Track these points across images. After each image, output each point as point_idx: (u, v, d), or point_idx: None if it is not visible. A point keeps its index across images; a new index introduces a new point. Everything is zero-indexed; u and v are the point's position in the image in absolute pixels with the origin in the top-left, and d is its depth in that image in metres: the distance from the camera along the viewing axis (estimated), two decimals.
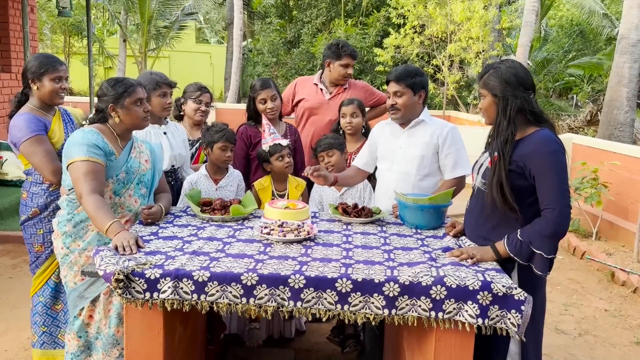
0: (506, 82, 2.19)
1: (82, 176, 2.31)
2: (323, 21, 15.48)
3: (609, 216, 6.18)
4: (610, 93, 9.88)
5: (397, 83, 2.88)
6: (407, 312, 1.94)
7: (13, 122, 2.76)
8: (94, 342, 2.49)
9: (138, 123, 2.55)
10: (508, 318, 1.92)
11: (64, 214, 2.48)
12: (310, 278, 1.94)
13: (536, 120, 2.21)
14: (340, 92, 3.99)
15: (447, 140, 2.89)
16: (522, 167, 2.15)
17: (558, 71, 16.67)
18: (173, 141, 3.20)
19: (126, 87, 2.50)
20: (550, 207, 2.09)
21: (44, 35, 19.98)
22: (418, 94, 2.90)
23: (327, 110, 3.94)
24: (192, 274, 1.94)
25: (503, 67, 2.22)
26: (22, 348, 3.35)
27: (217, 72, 24.18)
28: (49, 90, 2.79)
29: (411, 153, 2.95)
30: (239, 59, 15.36)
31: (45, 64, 2.78)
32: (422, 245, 2.37)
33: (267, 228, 2.41)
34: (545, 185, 2.11)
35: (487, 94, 2.25)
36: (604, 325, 4.08)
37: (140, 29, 16.53)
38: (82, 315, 2.47)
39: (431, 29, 11.30)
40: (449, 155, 2.90)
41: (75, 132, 2.47)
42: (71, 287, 2.48)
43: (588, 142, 7.17)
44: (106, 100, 2.48)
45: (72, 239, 2.46)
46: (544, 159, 2.11)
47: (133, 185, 2.56)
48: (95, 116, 2.53)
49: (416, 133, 2.96)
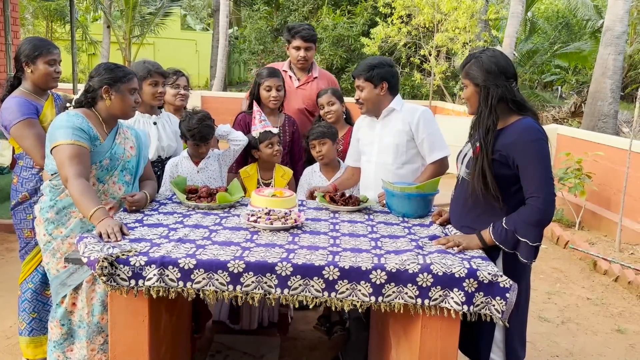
0: (487, 71, 2.19)
1: (67, 160, 2.26)
2: (310, 9, 15.38)
3: (592, 206, 6.26)
4: (595, 85, 9.97)
5: (357, 78, 2.94)
6: (393, 300, 1.94)
7: (4, 105, 2.72)
8: (77, 330, 2.47)
9: (127, 111, 2.50)
10: (492, 304, 1.93)
11: (47, 200, 2.44)
12: (298, 266, 1.93)
13: (518, 109, 2.22)
14: (309, 80, 3.90)
15: (420, 125, 2.89)
16: (506, 156, 2.16)
17: (544, 62, 16.77)
18: (162, 132, 3.16)
19: (125, 73, 2.46)
20: (535, 195, 2.11)
21: (25, 20, 19.57)
22: (379, 86, 2.89)
23: (295, 97, 3.84)
24: (178, 261, 1.93)
25: (484, 57, 2.23)
26: (5, 337, 3.31)
27: (203, 59, 23.93)
28: (42, 74, 2.76)
29: (386, 142, 2.96)
30: (225, 47, 15.21)
31: (39, 47, 2.75)
32: (409, 234, 2.37)
33: (254, 216, 2.39)
34: (529, 174, 2.12)
35: (469, 84, 2.26)
36: (586, 313, 4.15)
37: (124, 15, 16.27)
38: (64, 303, 2.44)
39: (418, 19, 11.29)
40: (423, 140, 2.91)
41: (60, 115, 2.40)
42: (54, 275, 2.45)
43: (572, 133, 7.24)
44: (101, 81, 2.41)
45: (55, 225, 2.42)
46: (527, 147, 2.13)
47: (117, 172, 2.51)
48: (84, 97, 2.46)
49: (389, 122, 2.97)
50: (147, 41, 18.67)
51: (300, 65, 3.87)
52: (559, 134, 7.32)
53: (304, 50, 3.80)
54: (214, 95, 12.85)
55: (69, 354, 2.48)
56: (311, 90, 3.86)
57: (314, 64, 3.99)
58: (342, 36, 14.26)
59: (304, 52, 3.81)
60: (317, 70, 3.98)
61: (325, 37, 14.19)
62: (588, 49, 15.76)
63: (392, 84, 2.93)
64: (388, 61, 2.96)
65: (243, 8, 19.07)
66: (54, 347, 2.47)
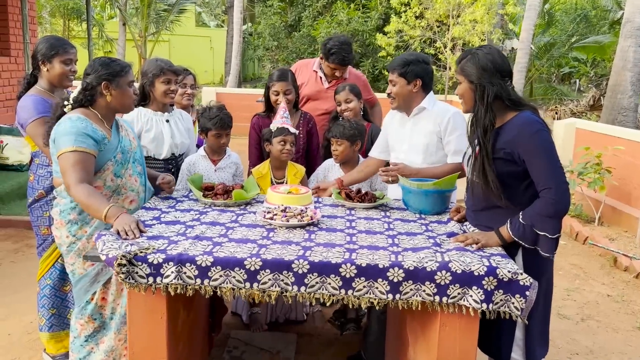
0: (483, 68, 2.17)
1: (70, 167, 2.26)
2: (324, 4, 15.32)
3: (612, 201, 6.16)
4: (615, 77, 9.80)
5: (390, 72, 2.90)
6: (411, 297, 1.93)
7: (21, 103, 2.75)
8: (108, 322, 2.49)
9: (128, 104, 2.51)
10: (512, 302, 1.91)
11: (67, 203, 2.42)
12: (314, 263, 1.92)
13: (515, 106, 2.19)
14: (340, 81, 3.87)
15: (449, 126, 2.85)
16: (510, 152, 2.14)
17: (561, 55, 16.53)
18: (175, 130, 3.17)
19: (122, 66, 2.45)
20: (547, 187, 2.07)
21: (42, 18, 19.80)
22: (412, 83, 2.85)
23: (324, 98, 3.87)
24: (196, 258, 1.93)
25: (480, 54, 2.20)
26: (25, 332, 3.36)
27: (217, 56, 24.02)
28: (58, 73, 2.78)
29: (416, 141, 2.92)
30: (239, 43, 15.24)
31: (55, 46, 2.77)
32: (426, 231, 2.35)
33: (270, 213, 2.39)
34: (537, 167, 2.10)
35: (464, 80, 2.24)
36: (606, 310, 4.09)
37: (139, 13, 16.39)
38: (94, 299, 2.45)
39: (432, 12, 11.16)
40: (450, 142, 2.86)
41: (63, 120, 2.36)
42: (80, 274, 2.44)
43: (591, 127, 7.13)
44: (99, 77, 2.39)
45: (79, 226, 2.42)
46: (530, 140, 2.10)
47: (130, 164, 2.53)
48: (82, 95, 2.42)
49: (420, 121, 2.93)
50: (162, 38, 18.79)
51: (334, 79, 3.88)
52: (578, 128, 7.20)
53: (339, 71, 3.80)
54: (228, 92, 12.88)
55: (101, 345, 2.49)
56: None
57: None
58: (357, 31, 14.18)
59: (339, 73, 3.82)
60: (347, 71, 3.94)
61: (339, 32, 14.13)
62: (607, 41, 15.48)
63: (425, 82, 2.88)
64: (424, 58, 2.91)
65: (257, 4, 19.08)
66: (85, 342, 2.47)
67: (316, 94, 3.91)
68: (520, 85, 11.70)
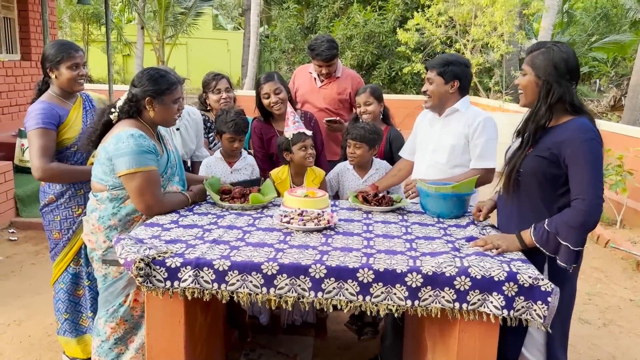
0: (555, 66, 2.10)
1: (147, 187, 2.35)
2: (340, 6, 15.30)
3: (634, 204, 6.04)
4: (636, 77, 9.63)
5: (429, 70, 2.88)
6: (430, 304, 1.90)
7: (30, 109, 2.76)
8: (140, 322, 2.47)
9: (170, 121, 2.53)
10: (534, 309, 1.87)
11: (108, 209, 2.42)
12: (331, 268, 1.91)
13: (574, 111, 2.13)
14: (331, 80, 3.99)
15: (478, 129, 2.82)
16: (557, 154, 2.08)
17: (581, 54, 16.29)
18: (186, 135, 3.20)
19: (170, 84, 2.46)
20: (580, 197, 2.02)
21: (63, 23, 20.11)
22: (450, 83, 2.83)
23: (317, 97, 3.98)
24: (213, 262, 1.93)
25: (556, 50, 2.13)
26: (46, 334, 3.40)
27: (234, 58, 24.13)
28: (67, 78, 2.77)
29: (443, 142, 2.90)
30: (256, 45, 15.30)
31: (61, 52, 2.75)
32: (444, 235, 2.32)
33: (286, 217, 2.38)
34: (577, 174, 2.04)
35: (531, 73, 2.17)
36: (629, 315, 4.00)
37: (157, 16, 16.54)
38: (127, 301, 2.44)
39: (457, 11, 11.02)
40: (476, 145, 2.83)
41: (126, 138, 2.34)
42: (115, 277, 2.43)
43: (613, 128, 7.00)
44: (144, 92, 2.41)
45: (118, 231, 2.43)
46: (580, 146, 2.04)
47: (175, 176, 2.59)
48: (128, 106, 2.44)
49: (450, 122, 2.91)
50: (179, 41, 18.94)
51: (324, 77, 4.00)
52: (599, 129, 7.07)
53: (325, 67, 3.92)
54: (245, 94, 12.90)
55: (130, 345, 2.49)
56: (332, 90, 3.97)
57: (338, 65, 4.04)
58: (373, 33, 14.13)
59: (325, 69, 3.93)
60: (340, 70, 4.04)
61: (355, 33, 14.10)
62: (628, 40, 15.23)
63: (463, 84, 2.86)
64: (465, 61, 2.89)
65: (273, 7, 19.12)
66: (114, 344, 2.46)
67: (309, 93, 4.03)
68: None
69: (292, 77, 4.26)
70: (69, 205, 2.81)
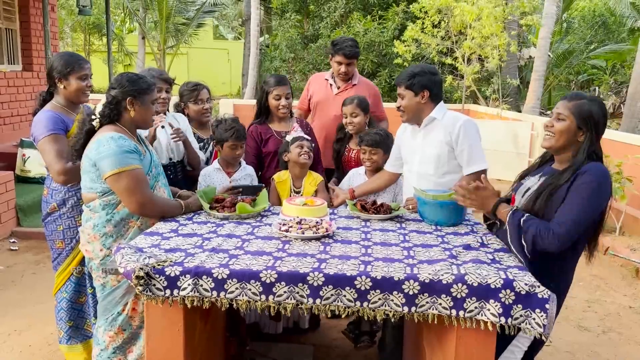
0: (598, 119, 2.18)
1: (136, 186, 2.37)
2: (341, 15, 15.39)
3: (634, 211, 6.05)
4: (635, 85, 9.66)
5: (398, 86, 2.92)
6: (427, 310, 1.92)
7: (36, 119, 2.80)
8: (137, 332, 2.49)
9: (148, 122, 2.58)
10: (533, 318, 1.88)
11: (101, 216, 2.44)
12: (329, 276, 1.93)
13: (589, 158, 2.20)
14: (348, 87, 4.03)
15: (460, 136, 2.84)
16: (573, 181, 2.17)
17: (580, 62, 16.35)
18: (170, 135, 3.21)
19: (148, 84, 2.52)
20: (563, 222, 2.10)
21: (64, 33, 20.23)
22: (420, 94, 2.85)
23: (332, 105, 3.98)
24: (212, 271, 1.95)
25: (600, 104, 2.21)
26: (46, 343, 3.40)
27: (235, 68, 24.26)
28: (75, 89, 2.82)
29: (428, 153, 2.93)
30: (257, 55, 15.37)
31: (71, 63, 2.80)
32: (442, 242, 2.34)
33: (285, 225, 2.40)
34: (571, 204, 2.12)
35: (572, 119, 2.20)
36: (629, 322, 4.01)
37: (158, 26, 16.66)
38: (126, 310, 2.46)
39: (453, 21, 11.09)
40: (462, 152, 2.86)
41: (105, 140, 2.37)
42: (113, 286, 2.45)
43: (611, 135, 7.02)
44: (126, 92, 2.45)
45: (114, 238, 2.45)
46: (588, 179, 2.12)
47: (160, 177, 2.61)
48: (109, 109, 2.46)
49: (431, 132, 2.93)
50: (180, 51, 19.06)
51: (341, 78, 4.04)
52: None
53: (345, 65, 3.94)
54: (245, 103, 12.97)
55: (129, 355, 2.51)
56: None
57: (355, 73, 4.09)
58: (373, 42, 14.21)
59: (345, 68, 3.95)
60: (357, 78, 4.09)
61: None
62: (626, 48, 15.29)
63: (433, 93, 2.88)
64: (430, 69, 2.91)
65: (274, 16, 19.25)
66: (112, 353, 2.47)
67: (325, 100, 4.06)
68: (538, 93, 11.60)
69: (307, 84, 4.29)
70: (72, 214, 2.83)
